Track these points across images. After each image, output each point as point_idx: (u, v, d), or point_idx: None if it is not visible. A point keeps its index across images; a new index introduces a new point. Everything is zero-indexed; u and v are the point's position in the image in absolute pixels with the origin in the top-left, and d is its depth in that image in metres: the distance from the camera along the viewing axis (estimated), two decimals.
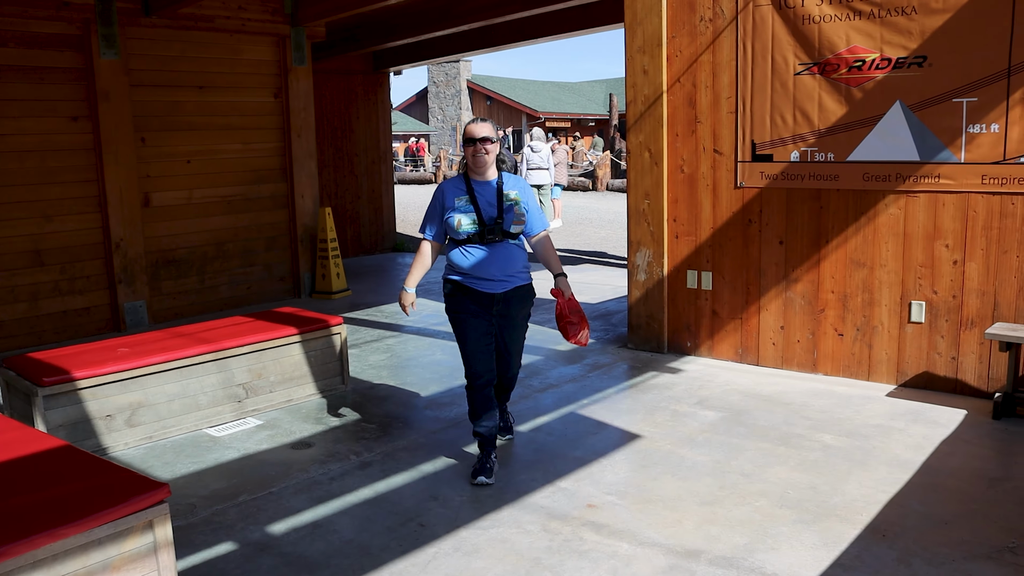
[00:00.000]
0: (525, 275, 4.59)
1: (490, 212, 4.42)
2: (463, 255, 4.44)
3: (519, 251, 4.54)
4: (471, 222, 4.39)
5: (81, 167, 8.28)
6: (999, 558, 3.53)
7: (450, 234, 4.50)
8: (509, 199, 4.48)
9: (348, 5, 9.09)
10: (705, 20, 6.44)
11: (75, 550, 2.86)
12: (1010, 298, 5.43)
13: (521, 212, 4.48)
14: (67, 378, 4.91)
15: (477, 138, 4.41)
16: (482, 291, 4.45)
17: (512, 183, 4.57)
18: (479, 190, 4.47)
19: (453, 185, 4.53)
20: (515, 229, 4.47)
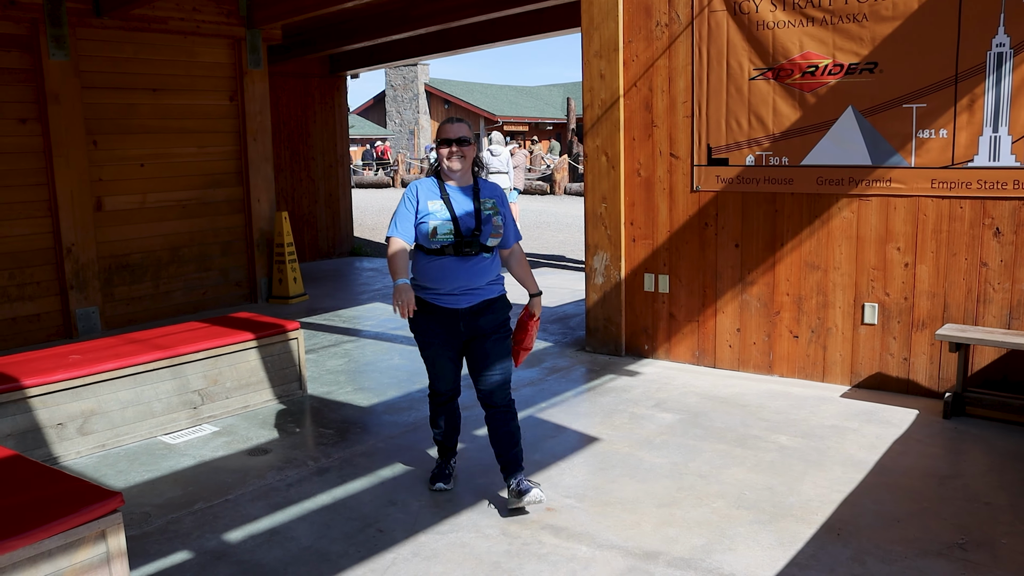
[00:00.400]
0: (497, 287, 4.18)
1: (467, 222, 4.01)
2: (431, 267, 4.01)
3: (492, 264, 4.13)
4: (448, 231, 3.95)
5: (30, 170, 8.12)
6: (949, 555, 3.60)
7: (420, 241, 4.03)
8: (487, 208, 4.07)
9: (304, 8, 9.03)
10: (661, 25, 6.49)
11: (24, 562, 2.80)
12: (959, 300, 5.55)
13: (499, 224, 4.08)
14: (16, 386, 4.81)
15: (453, 139, 4.03)
16: (447, 307, 4.04)
17: (489, 190, 4.18)
18: (455, 196, 4.06)
19: (427, 187, 4.10)
20: (492, 242, 4.05)
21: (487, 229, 4.03)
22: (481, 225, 4.02)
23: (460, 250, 3.98)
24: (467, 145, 4.06)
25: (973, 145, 5.36)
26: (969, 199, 5.43)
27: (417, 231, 4.03)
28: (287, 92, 13.29)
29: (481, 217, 4.03)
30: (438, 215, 3.98)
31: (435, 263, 4.00)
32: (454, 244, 3.97)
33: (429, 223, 3.97)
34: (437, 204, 4.02)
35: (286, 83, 13.22)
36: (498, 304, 4.17)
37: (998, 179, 5.30)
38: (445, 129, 4.09)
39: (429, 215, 4.00)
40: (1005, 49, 5.20)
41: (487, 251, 4.06)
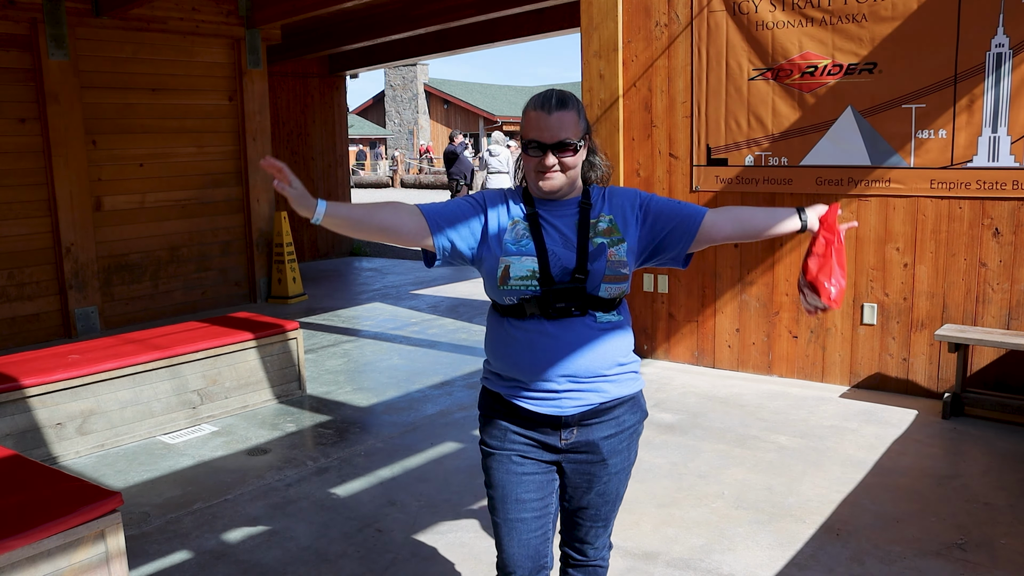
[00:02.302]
0: (628, 376, 2.49)
1: (564, 257, 2.37)
2: (508, 339, 2.41)
3: (617, 333, 2.44)
4: (527, 274, 2.34)
5: (30, 170, 8.12)
6: (948, 555, 3.60)
7: (488, 290, 2.45)
8: (599, 233, 2.41)
9: (304, 8, 9.03)
10: (660, 25, 6.49)
11: (23, 562, 2.80)
12: (958, 300, 5.55)
13: (620, 259, 2.38)
14: (15, 386, 4.81)
15: (549, 144, 2.33)
16: (536, 411, 2.39)
17: (611, 200, 2.50)
18: (548, 217, 2.43)
19: (509, 196, 2.50)
20: (609, 292, 2.38)
21: (598, 268, 2.35)
22: (587, 263, 2.35)
23: (550, 308, 2.34)
24: (573, 152, 2.36)
25: (972, 145, 5.36)
26: (968, 199, 5.43)
27: (482, 272, 2.44)
28: (286, 92, 13.29)
29: (588, 250, 2.37)
30: (514, 246, 2.38)
31: (513, 331, 2.39)
32: (539, 297, 2.34)
33: (500, 261, 2.37)
34: (517, 230, 2.41)
35: (285, 83, 13.22)
36: (630, 410, 2.52)
37: (997, 179, 5.31)
38: (535, 121, 2.36)
39: (501, 244, 2.39)
40: (1004, 49, 5.20)
41: (606, 308, 2.39)
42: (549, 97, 2.36)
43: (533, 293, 2.33)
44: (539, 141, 2.32)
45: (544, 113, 2.33)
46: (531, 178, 2.40)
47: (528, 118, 2.37)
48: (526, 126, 2.38)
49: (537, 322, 2.35)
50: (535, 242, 2.37)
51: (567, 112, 2.34)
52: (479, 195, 2.51)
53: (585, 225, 2.41)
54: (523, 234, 2.40)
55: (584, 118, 2.42)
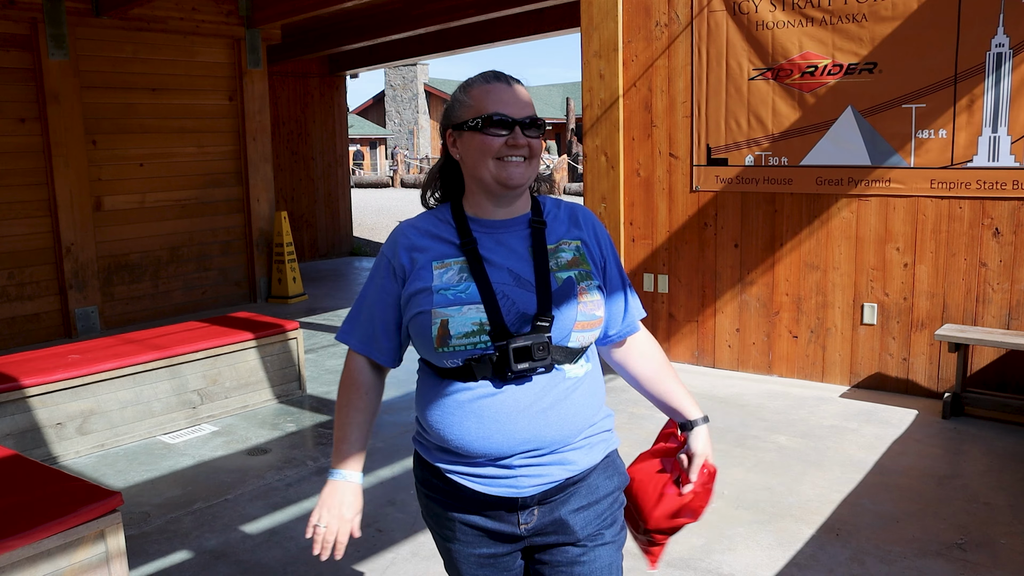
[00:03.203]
0: (598, 440, 1.97)
1: (519, 299, 1.84)
2: (447, 400, 1.88)
3: (587, 385, 1.92)
4: (473, 329, 1.81)
5: (30, 170, 8.12)
6: (948, 555, 3.60)
7: (421, 351, 1.94)
8: (563, 262, 1.92)
9: (304, 7, 9.03)
10: (661, 25, 6.49)
11: (23, 562, 2.80)
12: (959, 300, 5.55)
13: (594, 298, 1.90)
14: (15, 385, 4.81)
15: (518, 119, 1.87)
16: (493, 494, 1.88)
17: (564, 217, 2.01)
18: (490, 243, 1.91)
19: (424, 231, 1.95)
20: (580, 341, 1.89)
21: (568, 312, 1.85)
22: (552, 305, 1.84)
23: (507, 369, 1.79)
24: (539, 135, 1.93)
25: (972, 145, 5.36)
26: (968, 199, 5.43)
27: (412, 334, 1.92)
28: (286, 92, 13.29)
29: (549, 286, 1.86)
30: (451, 293, 1.84)
31: (455, 396, 1.86)
32: (491, 358, 1.80)
33: (433, 315, 1.83)
34: (452, 270, 1.87)
35: (285, 83, 13.22)
36: (601, 473, 1.98)
37: (997, 179, 5.30)
38: (496, 93, 1.89)
39: (432, 294, 1.85)
40: (1004, 49, 5.20)
41: (573, 358, 1.88)
42: (498, 73, 1.95)
43: (484, 352, 1.80)
44: (506, 115, 1.85)
45: (505, 84, 1.90)
46: (485, 169, 1.85)
47: (481, 92, 1.88)
48: (481, 100, 1.86)
49: (489, 386, 1.82)
50: (478, 283, 1.82)
51: (525, 88, 1.96)
52: (388, 247, 1.97)
53: (542, 252, 1.88)
54: (459, 275, 1.84)
55: None
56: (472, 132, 1.87)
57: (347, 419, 2.03)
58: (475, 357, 1.81)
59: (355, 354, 2.03)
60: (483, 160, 1.86)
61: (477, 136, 1.86)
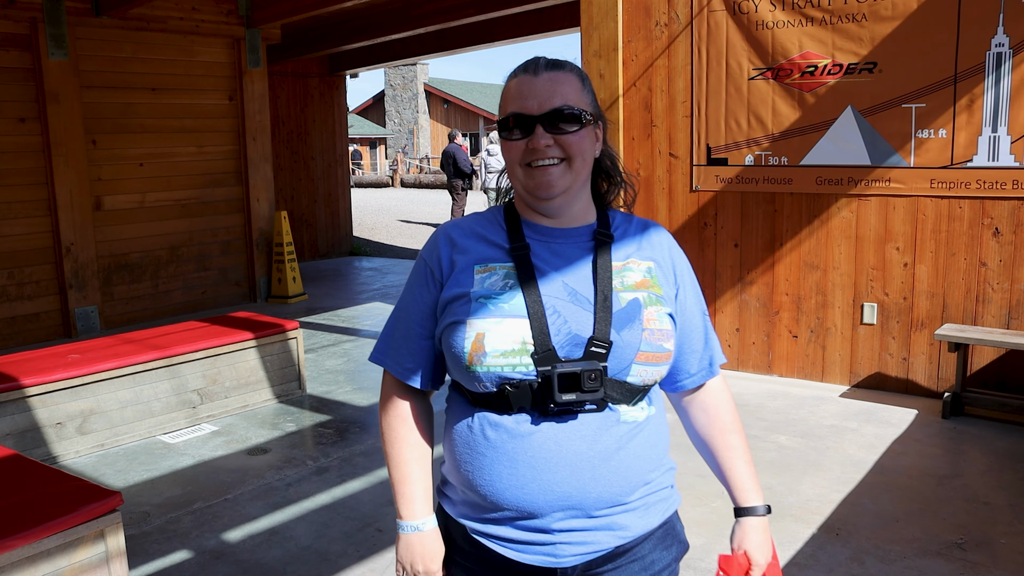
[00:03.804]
0: (656, 499, 1.65)
1: (572, 317, 1.56)
2: (477, 438, 1.59)
3: (647, 435, 1.61)
4: (513, 347, 1.53)
5: (30, 170, 8.12)
6: (948, 554, 3.60)
7: (452, 371, 1.65)
8: (628, 283, 1.63)
9: (304, 7, 9.03)
10: (661, 25, 6.49)
11: (23, 562, 2.80)
12: (958, 299, 5.55)
13: (663, 327, 1.61)
14: (15, 385, 4.81)
15: (538, 115, 1.58)
16: (526, 563, 1.58)
17: (636, 235, 1.74)
18: (545, 252, 1.65)
19: (469, 231, 1.71)
20: (642, 377, 1.59)
21: (630, 338, 1.56)
22: (611, 327, 1.56)
23: (549, 400, 1.51)
24: (577, 126, 1.59)
25: (972, 145, 5.36)
26: (968, 199, 5.43)
27: (443, 348, 1.64)
28: (286, 92, 13.29)
29: (610, 306, 1.58)
30: (492, 302, 1.57)
31: (487, 433, 1.58)
32: (534, 384, 1.52)
33: (468, 326, 1.56)
34: (496, 275, 1.61)
35: (285, 82, 13.22)
36: (658, 542, 1.67)
37: (997, 179, 5.30)
38: (516, 88, 1.63)
39: (470, 301, 1.59)
40: (1004, 49, 5.20)
41: (631, 398, 1.59)
42: (535, 60, 1.63)
43: (524, 377, 1.50)
44: (522, 113, 1.56)
45: (529, 75, 1.60)
46: (518, 181, 1.62)
47: (508, 88, 1.63)
48: (506, 98, 1.63)
49: (527, 421, 1.51)
50: (525, 293, 1.54)
51: (563, 73, 1.61)
52: (427, 249, 1.71)
53: (606, 267, 1.60)
54: (504, 282, 1.57)
55: (592, 93, 1.66)
56: (501, 136, 1.64)
57: (401, 457, 1.70)
58: (513, 382, 1.51)
59: (393, 378, 1.72)
60: (512, 168, 1.63)
61: (502, 140, 1.63)
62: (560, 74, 1.61)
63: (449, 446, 1.66)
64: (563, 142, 1.57)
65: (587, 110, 1.60)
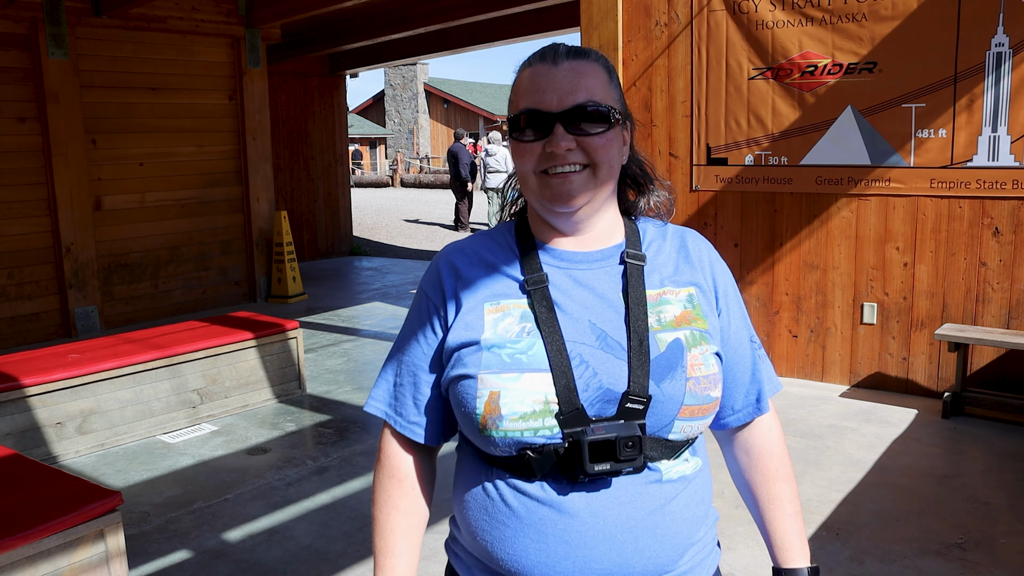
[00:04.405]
0: (702, 556, 1.41)
1: (604, 370, 1.31)
2: (497, 503, 1.35)
3: (692, 492, 1.38)
4: (534, 409, 1.27)
5: (29, 169, 8.12)
6: (948, 554, 3.60)
7: (463, 428, 1.40)
8: (667, 317, 1.37)
9: (304, 7, 9.03)
10: (660, 25, 6.49)
11: (22, 561, 2.80)
12: (958, 299, 5.55)
13: (710, 372, 1.35)
14: (15, 385, 4.81)
15: (558, 112, 1.32)
16: None
17: (672, 251, 1.47)
18: (566, 283, 1.38)
19: (476, 257, 1.45)
20: (687, 432, 1.35)
21: (672, 391, 1.31)
22: (649, 379, 1.30)
23: (579, 470, 1.27)
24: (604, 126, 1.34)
25: (972, 145, 5.36)
26: (968, 199, 5.43)
27: (452, 404, 1.40)
28: (286, 91, 13.29)
29: (647, 351, 1.32)
30: (507, 353, 1.32)
31: (508, 498, 1.34)
32: (560, 450, 1.28)
33: (480, 382, 1.32)
34: (507, 314, 1.37)
35: (285, 82, 13.22)
36: None
37: (997, 179, 5.30)
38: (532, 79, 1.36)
39: (480, 351, 1.34)
40: (1004, 49, 5.20)
41: (673, 452, 1.35)
42: (554, 46, 1.38)
43: (548, 442, 1.27)
44: (538, 109, 1.32)
45: (548, 65, 1.35)
46: (531, 192, 1.37)
47: (521, 79, 1.38)
48: (518, 91, 1.37)
49: (554, 488, 1.29)
50: (546, 340, 1.30)
51: (587, 63, 1.36)
52: (427, 280, 1.46)
53: (640, 301, 1.35)
54: (520, 326, 1.33)
55: (619, 88, 1.41)
56: (512, 138, 1.37)
57: (388, 524, 1.47)
58: (535, 447, 1.28)
59: (391, 431, 1.49)
60: (525, 177, 1.37)
61: (513, 143, 1.37)
62: (584, 63, 1.36)
63: (461, 507, 1.43)
64: (587, 145, 1.33)
65: (615, 107, 1.36)
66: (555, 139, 1.31)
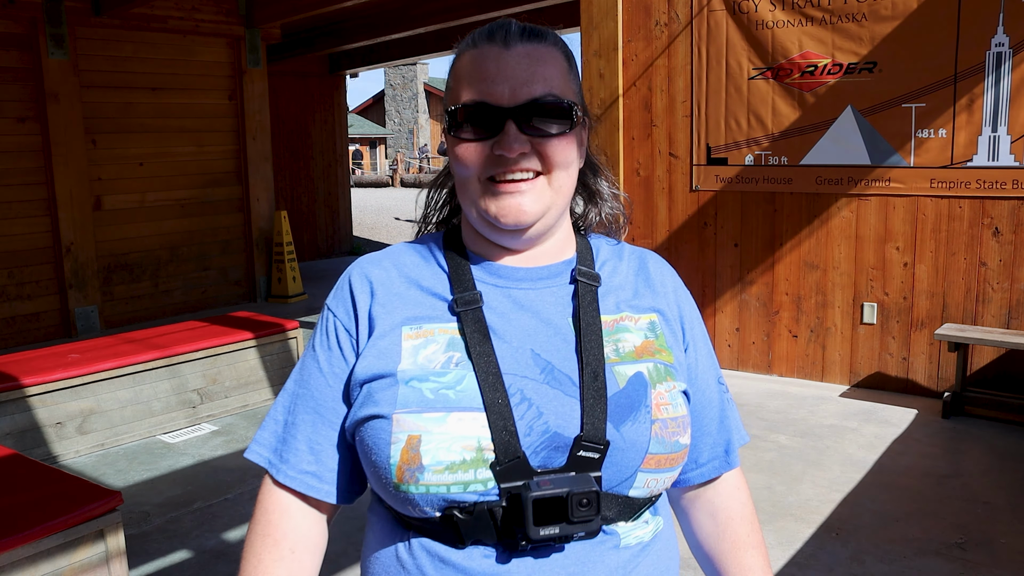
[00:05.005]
0: None
1: (551, 409, 1.05)
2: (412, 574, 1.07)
3: (655, 558, 1.13)
4: (465, 458, 1.01)
5: (29, 169, 8.11)
6: (948, 554, 3.60)
7: (373, 483, 1.14)
8: (625, 347, 1.13)
9: (304, 7, 9.03)
10: (661, 24, 6.49)
11: (23, 561, 2.80)
12: (958, 299, 5.55)
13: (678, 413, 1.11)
14: (15, 385, 4.80)
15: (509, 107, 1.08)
16: None
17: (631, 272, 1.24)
18: (503, 304, 1.14)
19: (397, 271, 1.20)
20: (648, 489, 1.10)
21: (636, 436, 1.06)
22: (605, 420, 1.05)
23: (521, 536, 1.01)
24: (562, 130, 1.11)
25: (972, 145, 5.36)
26: (968, 199, 5.43)
27: (359, 451, 1.13)
28: (286, 91, 13.29)
29: (603, 387, 1.07)
30: (430, 387, 1.06)
31: (431, 573, 1.06)
32: (497, 509, 1.02)
33: (394, 424, 1.04)
34: (431, 341, 1.11)
35: (285, 82, 13.22)
36: None
37: (997, 179, 5.30)
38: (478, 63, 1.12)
39: (396, 385, 1.07)
40: (1004, 49, 5.20)
41: (633, 513, 1.10)
42: (505, 25, 1.16)
43: (481, 499, 1.03)
44: (486, 102, 1.08)
45: (498, 48, 1.11)
46: (471, 202, 1.13)
47: (459, 69, 1.14)
48: (459, 79, 1.13)
49: (489, 556, 1.04)
50: (478, 372, 1.05)
51: (544, 47, 1.13)
52: (334, 297, 1.20)
53: (594, 326, 1.12)
54: (446, 354, 1.09)
55: (578, 78, 1.20)
56: (449, 135, 1.13)
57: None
58: (465, 506, 1.02)
59: (274, 484, 1.17)
60: (465, 184, 1.12)
61: (451, 141, 1.12)
62: (541, 48, 1.12)
63: None
64: (543, 148, 1.09)
65: (576, 103, 1.13)
66: (506, 140, 1.07)
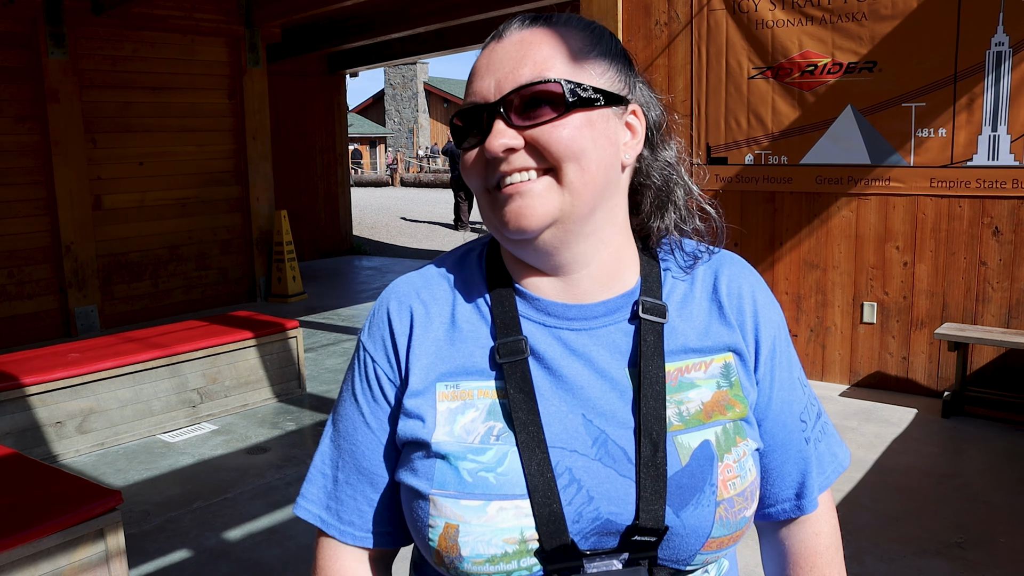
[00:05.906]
0: None
1: (602, 492, 0.93)
2: None
3: None
4: (507, 550, 0.90)
5: (29, 168, 8.11)
6: (947, 553, 3.60)
7: (420, 548, 0.99)
8: (691, 408, 0.97)
9: (304, 6, 9.03)
10: (660, 24, 6.49)
11: (22, 561, 2.80)
12: (958, 299, 5.55)
13: (745, 486, 0.97)
14: (15, 384, 4.81)
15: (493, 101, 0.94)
16: None
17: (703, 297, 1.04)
18: (552, 351, 0.97)
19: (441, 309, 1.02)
20: (707, 561, 0.98)
21: (698, 520, 0.94)
22: (664, 505, 0.92)
23: None
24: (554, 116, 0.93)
25: (972, 144, 5.36)
26: (968, 198, 5.43)
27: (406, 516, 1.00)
28: (286, 91, 13.28)
29: (663, 464, 0.93)
30: (469, 468, 0.93)
31: None
32: None
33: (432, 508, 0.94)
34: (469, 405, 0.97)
35: (285, 82, 13.21)
36: None
37: (997, 178, 5.30)
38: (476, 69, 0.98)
39: (432, 459, 0.96)
40: (1004, 48, 5.20)
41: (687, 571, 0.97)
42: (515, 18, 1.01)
43: None
44: (475, 102, 0.97)
45: (494, 42, 0.99)
46: (486, 215, 1.00)
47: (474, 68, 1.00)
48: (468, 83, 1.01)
49: None
50: (522, 452, 0.93)
51: (547, 28, 0.98)
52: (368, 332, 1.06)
53: (656, 384, 0.97)
54: (487, 425, 0.96)
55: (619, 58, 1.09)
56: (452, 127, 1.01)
57: None
58: None
59: (329, 541, 1.06)
60: (477, 195, 1.01)
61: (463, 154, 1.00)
62: (540, 31, 0.97)
63: None
64: (538, 140, 0.93)
65: (584, 83, 0.95)
66: (493, 136, 0.93)
